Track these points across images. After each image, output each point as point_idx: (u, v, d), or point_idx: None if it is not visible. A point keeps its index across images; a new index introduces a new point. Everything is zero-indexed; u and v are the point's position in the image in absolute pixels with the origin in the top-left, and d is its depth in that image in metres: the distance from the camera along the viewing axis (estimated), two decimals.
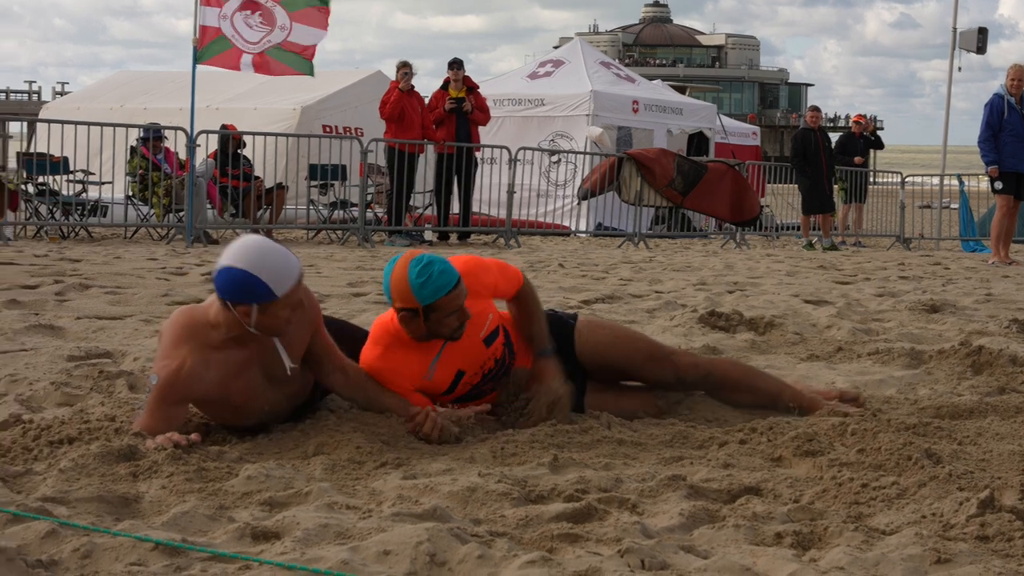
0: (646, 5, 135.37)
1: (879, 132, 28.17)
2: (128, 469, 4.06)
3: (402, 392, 4.89)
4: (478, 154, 19.48)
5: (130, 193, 17.97)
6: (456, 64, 19.09)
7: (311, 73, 16.88)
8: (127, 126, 17.92)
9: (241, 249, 4.43)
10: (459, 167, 18.82)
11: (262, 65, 16.38)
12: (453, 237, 19.30)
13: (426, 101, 19.06)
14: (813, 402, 5.32)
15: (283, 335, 4.57)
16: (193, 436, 4.33)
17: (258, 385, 4.61)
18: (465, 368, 5.00)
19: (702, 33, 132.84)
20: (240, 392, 4.57)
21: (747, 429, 4.83)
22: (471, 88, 19.16)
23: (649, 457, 4.48)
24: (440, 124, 18.83)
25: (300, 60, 16.47)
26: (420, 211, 20.08)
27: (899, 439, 4.53)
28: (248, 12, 16.17)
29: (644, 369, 5.35)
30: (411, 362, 4.91)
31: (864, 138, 25.15)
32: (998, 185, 17.01)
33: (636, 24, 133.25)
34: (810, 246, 21.03)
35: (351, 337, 5.17)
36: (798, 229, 23.53)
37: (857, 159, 24.06)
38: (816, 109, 22.69)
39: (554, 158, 22.37)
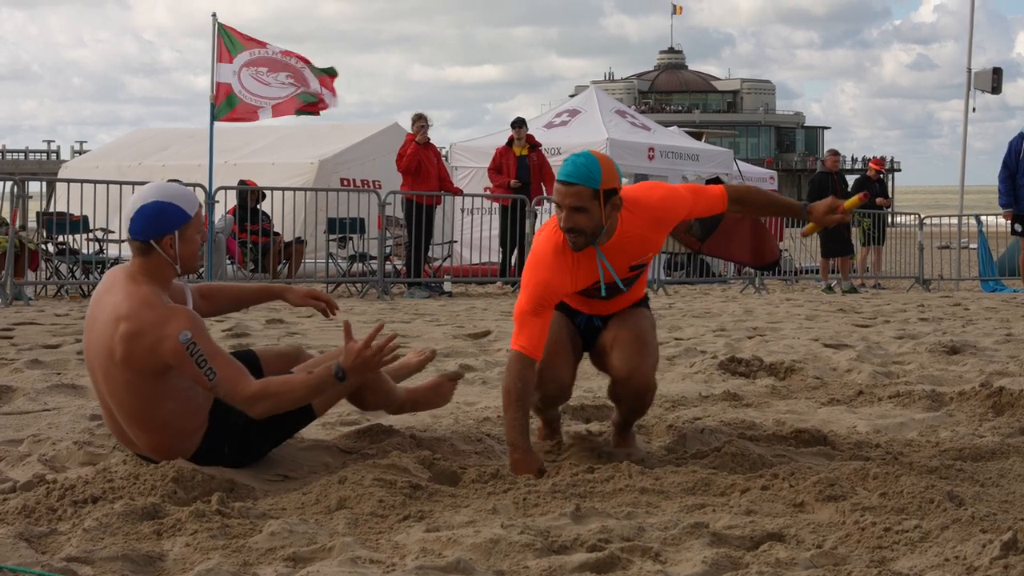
0: (661, 52, 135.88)
1: (887, 177, 28.15)
2: (152, 527, 4.07)
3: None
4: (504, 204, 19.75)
5: None
6: (519, 123, 19.83)
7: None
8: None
9: (143, 192, 4.90)
10: (514, 218, 19.44)
11: (280, 108, 16.93)
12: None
13: (443, 152, 19.26)
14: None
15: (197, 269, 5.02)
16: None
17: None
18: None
19: (717, 78, 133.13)
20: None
21: (768, 475, 4.83)
22: (533, 145, 19.92)
23: (671, 505, 4.48)
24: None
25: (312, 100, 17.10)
26: (439, 262, 20.14)
27: (921, 482, 4.54)
28: (264, 69, 16.57)
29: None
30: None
31: (880, 181, 25.14)
32: (1017, 227, 17.00)
33: (651, 71, 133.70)
34: (829, 289, 21.00)
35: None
36: (817, 273, 23.51)
37: (881, 200, 24.01)
38: (835, 153, 22.68)
39: None
